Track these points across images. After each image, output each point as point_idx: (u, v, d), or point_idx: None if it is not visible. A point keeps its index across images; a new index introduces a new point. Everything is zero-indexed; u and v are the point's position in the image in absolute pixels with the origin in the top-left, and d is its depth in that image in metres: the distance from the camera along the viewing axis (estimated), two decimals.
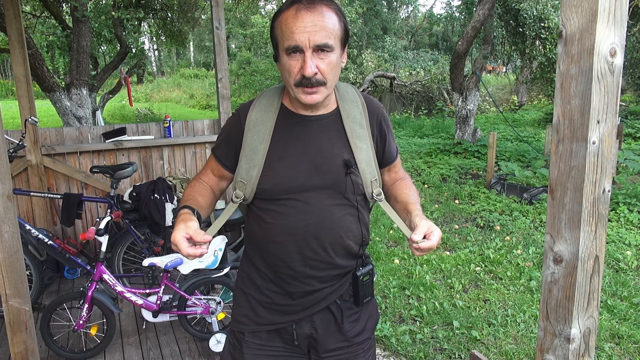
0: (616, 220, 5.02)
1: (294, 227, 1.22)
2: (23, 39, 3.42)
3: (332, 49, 1.14)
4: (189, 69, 29.85)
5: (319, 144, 1.24)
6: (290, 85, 1.18)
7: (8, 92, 21.24)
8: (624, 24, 0.88)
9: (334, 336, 1.33)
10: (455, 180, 7.07)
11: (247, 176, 1.24)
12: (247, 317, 1.34)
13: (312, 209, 1.22)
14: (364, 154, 1.26)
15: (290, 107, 1.26)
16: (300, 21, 1.11)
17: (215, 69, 3.85)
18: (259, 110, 1.26)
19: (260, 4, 18.05)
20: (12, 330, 1.93)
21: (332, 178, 1.23)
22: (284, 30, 1.13)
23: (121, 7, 8.29)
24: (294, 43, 1.11)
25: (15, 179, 3.49)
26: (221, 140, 1.34)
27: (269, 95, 1.30)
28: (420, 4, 30.05)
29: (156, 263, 2.56)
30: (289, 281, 1.27)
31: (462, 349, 2.81)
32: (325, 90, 1.18)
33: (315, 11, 1.12)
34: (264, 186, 1.22)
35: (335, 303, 1.32)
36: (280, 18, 1.16)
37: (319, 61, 1.14)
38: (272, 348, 1.34)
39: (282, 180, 1.21)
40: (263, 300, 1.32)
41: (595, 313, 1.00)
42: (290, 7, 1.14)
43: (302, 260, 1.24)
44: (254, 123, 1.25)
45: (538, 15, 8.88)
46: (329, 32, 1.13)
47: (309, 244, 1.23)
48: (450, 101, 14.36)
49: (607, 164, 0.92)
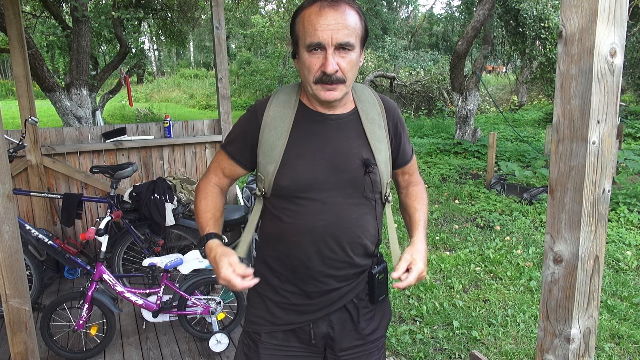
0: (616, 220, 5.02)
1: (312, 226, 1.22)
2: (23, 39, 3.42)
3: (353, 48, 1.14)
4: (189, 69, 29.87)
5: (338, 143, 1.23)
6: (309, 82, 1.17)
7: (8, 92, 21.25)
8: (624, 24, 0.88)
9: (350, 335, 1.34)
10: (455, 180, 7.06)
11: (264, 171, 1.23)
12: (262, 318, 1.32)
13: (330, 208, 1.22)
14: (383, 155, 1.27)
15: (308, 105, 1.26)
16: (324, 18, 1.10)
17: (215, 69, 3.85)
18: (277, 107, 1.25)
19: (260, 4, 18.04)
20: (12, 330, 1.93)
21: (350, 177, 1.23)
22: (306, 27, 1.13)
23: (121, 7, 8.29)
24: (317, 40, 1.11)
25: (15, 179, 3.49)
26: (234, 137, 1.31)
27: (286, 92, 1.28)
28: (420, 4, 30.07)
29: (156, 263, 2.56)
30: (307, 280, 1.27)
31: (462, 349, 2.81)
32: (344, 88, 1.18)
33: (339, 9, 1.12)
34: (281, 183, 1.21)
35: (352, 302, 1.33)
36: (303, 15, 1.15)
37: (340, 59, 1.14)
38: (289, 348, 1.33)
39: (300, 178, 1.20)
40: (279, 301, 1.30)
41: (595, 313, 1.00)
42: (313, 4, 1.13)
43: (321, 259, 1.24)
44: (272, 119, 1.23)
45: (538, 15, 8.88)
46: (351, 30, 1.13)
47: (328, 243, 1.23)
48: (450, 101, 14.35)
49: (607, 164, 0.92)
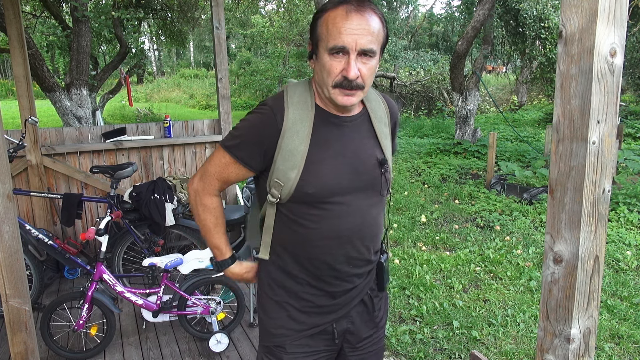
0: (616, 220, 5.02)
1: (339, 229, 1.22)
2: (23, 39, 3.42)
3: (374, 55, 1.14)
4: (189, 69, 29.86)
5: (355, 145, 1.24)
6: (327, 85, 1.15)
7: (8, 92, 21.24)
8: (624, 24, 0.88)
9: (367, 325, 1.39)
10: (455, 180, 7.06)
11: (284, 177, 1.17)
12: (284, 327, 1.30)
13: (354, 211, 1.23)
14: (388, 152, 1.30)
15: (323, 107, 1.22)
16: (350, 23, 1.09)
17: (215, 69, 3.85)
18: (296, 109, 1.19)
19: (260, 4, 18.04)
20: (12, 330, 1.93)
21: (369, 178, 1.25)
22: (330, 29, 1.11)
23: (121, 7, 8.30)
24: (341, 44, 1.09)
25: (15, 179, 3.49)
26: (245, 140, 1.20)
27: (298, 92, 1.22)
28: (420, 4, 30.02)
29: (156, 263, 2.56)
30: (332, 282, 1.27)
31: (462, 349, 2.81)
32: (362, 94, 1.17)
33: (365, 15, 1.10)
34: (307, 190, 1.17)
35: (367, 293, 1.37)
36: (327, 16, 1.13)
37: (362, 65, 1.12)
38: (315, 352, 1.32)
39: (325, 183, 1.18)
40: (303, 306, 1.29)
41: (595, 313, 1.00)
42: (338, 6, 1.11)
43: (347, 260, 1.26)
44: (293, 122, 1.17)
45: (538, 15, 8.88)
46: (374, 37, 1.12)
47: (355, 245, 1.25)
48: (450, 101, 14.35)
49: (607, 164, 0.92)
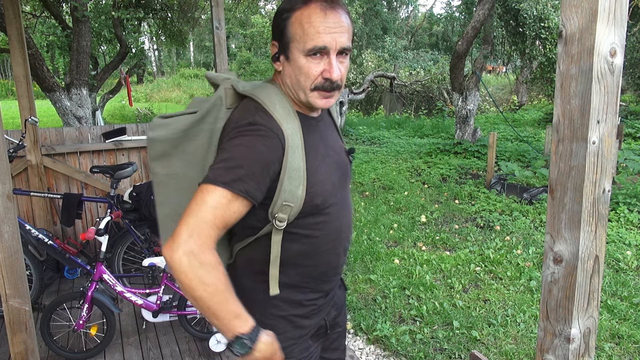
0: (616, 220, 5.01)
1: (339, 228, 1.22)
2: (23, 39, 3.42)
3: (350, 52, 1.10)
4: (189, 69, 29.84)
5: (331, 142, 1.24)
6: (303, 88, 1.08)
7: (8, 92, 21.24)
8: (624, 24, 0.88)
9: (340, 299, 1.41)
10: (455, 180, 7.06)
11: (292, 197, 1.08)
12: (292, 338, 1.25)
13: (345, 205, 1.25)
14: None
15: (301, 111, 1.16)
16: (327, 21, 1.02)
17: (215, 69, 3.84)
18: (287, 122, 1.08)
19: (260, 4, 18.04)
20: (12, 330, 1.93)
21: (346, 170, 1.27)
22: (307, 29, 1.03)
23: (121, 7, 8.29)
24: (321, 44, 1.02)
25: (15, 179, 3.49)
26: (249, 171, 1.02)
27: (274, 101, 1.10)
28: (420, 4, 30.07)
29: (156, 263, 2.56)
30: (330, 279, 1.27)
31: (462, 349, 2.81)
32: (338, 94, 1.12)
33: (339, 11, 1.04)
34: (315, 202, 1.12)
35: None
36: (299, 15, 1.04)
37: (340, 64, 1.07)
38: (313, 350, 1.32)
39: (326, 189, 1.15)
40: (307, 312, 1.25)
41: (595, 313, 1.00)
42: (309, 3, 1.03)
43: (343, 252, 1.28)
44: (291, 138, 1.07)
45: (538, 15, 8.89)
46: (350, 34, 1.07)
47: (348, 235, 1.27)
48: (450, 101, 14.35)
49: (607, 164, 0.92)
